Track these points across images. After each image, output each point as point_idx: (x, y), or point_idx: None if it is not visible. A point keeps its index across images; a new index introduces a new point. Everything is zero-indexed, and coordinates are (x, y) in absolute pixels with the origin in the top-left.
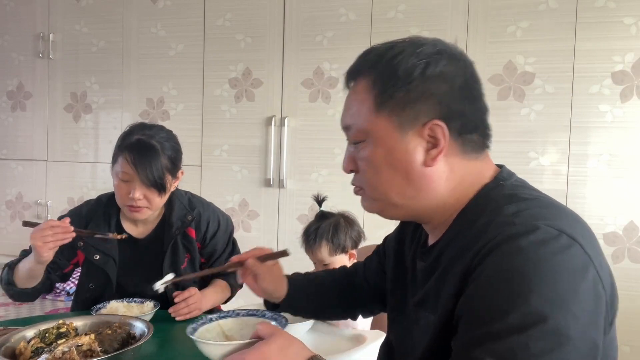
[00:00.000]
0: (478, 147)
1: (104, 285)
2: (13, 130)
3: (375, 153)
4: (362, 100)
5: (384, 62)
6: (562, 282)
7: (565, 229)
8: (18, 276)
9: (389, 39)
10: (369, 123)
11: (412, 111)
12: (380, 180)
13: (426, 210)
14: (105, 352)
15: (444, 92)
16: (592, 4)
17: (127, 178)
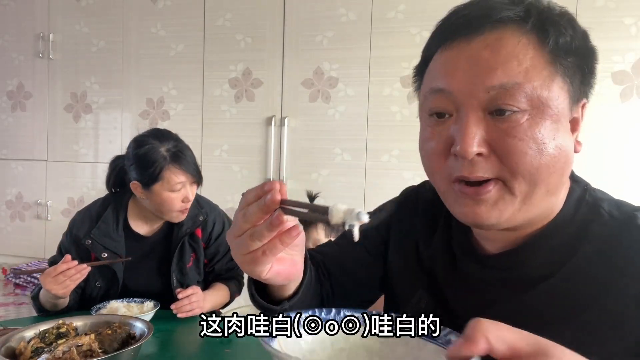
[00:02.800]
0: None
1: (110, 283)
2: (13, 130)
3: (543, 129)
4: (531, 57)
5: (556, 16)
6: None
7: None
8: (47, 307)
9: (389, 39)
10: (545, 88)
11: (584, 86)
12: (540, 167)
13: (544, 211)
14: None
15: (591, 70)
16: (592, 4)
17: (182, 186)
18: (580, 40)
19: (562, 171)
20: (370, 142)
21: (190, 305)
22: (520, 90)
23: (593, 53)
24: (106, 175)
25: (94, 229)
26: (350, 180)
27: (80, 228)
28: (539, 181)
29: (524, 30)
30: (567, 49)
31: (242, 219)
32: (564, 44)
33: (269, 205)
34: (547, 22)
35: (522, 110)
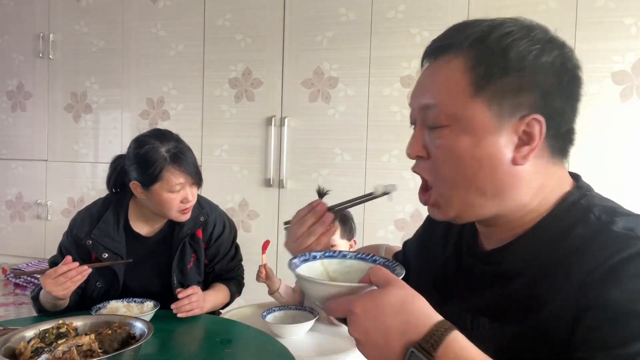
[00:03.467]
0: (564, 152)
1: (111, 284)
2: (13, 130)
3: (460, 142)
4: (455, 80)
5: (490, 41)
6: None
7: None
8: (47, 307)
9: (389, 39)
10: (461, 107)
11: (515, 101)
12: (459, 172)
13: (505, 212)
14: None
15: (550, 86)
16: (592, 4)
17: (180, 187)
18: (517, 61)
19: (490, 177)
20: (370, 142)
21: (190, 305)
22: (441, 109)
23: (542, 69)
24: (107, 175)
25: (95, 229)
26: (350, 180)
27: (80, 228)
28: (460, 185)
29: (458, 57)
30: (493, 72)
31: (299, 225)
32: (490, 68)
33: (320, 210)
34: (478, 49)
35: (443, 125)
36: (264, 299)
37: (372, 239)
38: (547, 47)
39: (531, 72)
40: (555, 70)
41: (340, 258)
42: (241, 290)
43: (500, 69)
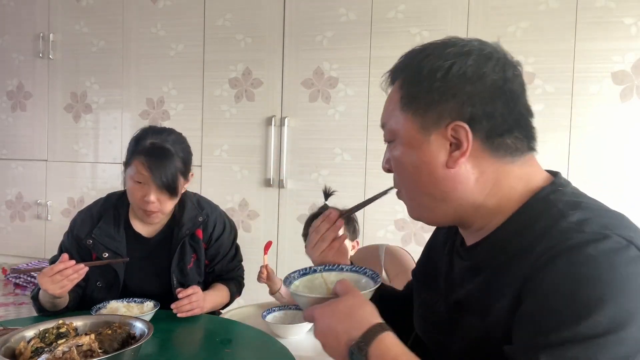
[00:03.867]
0: (514, 150)
1: (111, 284)
2: (13, 130)
3: (403, 153)
4: (393, 100)
5: (414, 64)
6: (634, 293)
7: (634, 241)
8: (46, 307)
9: (389, 39)
10: (396, 123)
11: (435, 112)
12: (409, 181)
13: (463, 212)
14: (105, 352)
15: (469, 93)
16: (592, 4)
17: (143, 180)
18: (430, 76)
19: (431, 182)
20: (370, 142)
21: (190, 305)
22: (387, 127)
23: (455, 80)
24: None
25: (95, 229)
26: (350, 180)
27: (81, 228)
28: (414, 192)
29: (396, 82)
30: (413, 89)
31: (315, 234)
32: (411, 87)
33: (332, 217)
34: (406, 72)
35: (391, 140)
36: (264, 299)
37: (372, 239)
38: (459, 59)
39: (445, 84)
40: (471, 78)
41: (338, 270)
42: (241, 291)
43: (419, 85)
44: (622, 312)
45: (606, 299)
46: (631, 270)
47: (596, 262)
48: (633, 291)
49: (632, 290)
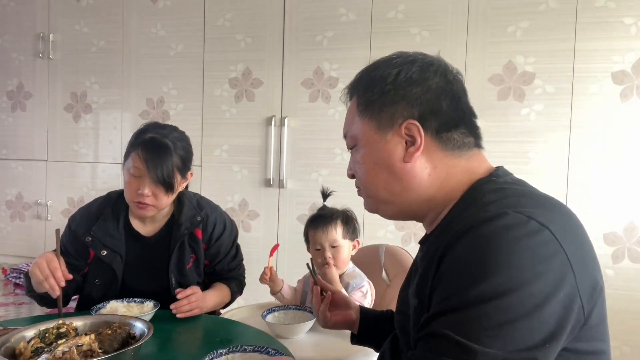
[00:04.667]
0: (462, 145)
1: (109, 282)
2: (13, 130)
3: (363, 154)
4: (352, 111)
5: (366, 75)
6: (523, 264)
7: (536, 216)
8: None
9: (389, 39)
10: (355, 129)
11: (389, 113)
12: (369, 178)
13: (416, 206)
14: (105, 352)
15: (416, 95)
16: (592, 4)
17: (138, 173)
18: (380, 83)
19: (390, 177)
20: None
21: (190, 306)
22: (348, 135)
23: (403, 84)
24: None
25: (94, 227)
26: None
27: (79, 224)
28: (374, 189)
29: (354, 95)
30: (368, 97)
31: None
32: (365, 95)
33: (316, 292)
34: (361, 84)
35: (353, 146)
36: (264, 299)
37: (372, 239)
38: (405, 67)
39: (393, 88)
40: (418, 82)
41: (241, 352)
42: (242, 290)
43: (372, 92)
44: (505, 282)
45: (492, 270)
46: (523, 244)
47: (488, 238)
48: (520, 263)
49: (518, 262)
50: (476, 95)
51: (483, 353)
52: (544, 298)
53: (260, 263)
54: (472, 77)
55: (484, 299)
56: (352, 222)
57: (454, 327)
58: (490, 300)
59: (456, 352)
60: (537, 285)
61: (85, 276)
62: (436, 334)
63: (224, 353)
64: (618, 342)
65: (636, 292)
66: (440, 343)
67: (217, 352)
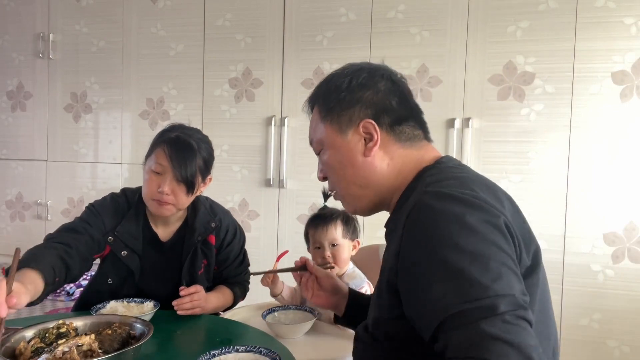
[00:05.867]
0: (412, 137)
1: (122, 282)
2: (13, 130)
3: (330, 156)
4: (315, 119)
5: (323, 86)
6: (450, 224)
7: (464, 191)
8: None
9: (388, 39)
10: (320, 134)
11: (347, 116)
12: (338, 176)
13: (383, 195)
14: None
15: (369, 96)
16: (592, 4)
17: (160, 170)
18: (336, 90)
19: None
20: None
21: (192, 304)
22: (314, 140)
23: (355, 89)
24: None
25: (119, 226)
26: None
27: (110, 219)
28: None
29: (316, 105)
30: (327, 103)
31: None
32: (325, 102)
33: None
34: (321, 94)
35: (320, 150)
36: (264, 299)
37: (372, 239)
38: (355, 74)
39: (348, 93)
40: (368, 85)
41: (233, 352)
42: (245, 295)
43: (330, 99)
44: (441, 244)
45: (432, 238)
46: (452, 208)
47: (426, 212)
48: (451, 222)
49: (450, 222)
50: (476, 95)
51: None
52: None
53: (260, 263)
54: (472, 77)
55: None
56: (352, 222)
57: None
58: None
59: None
60: (467, 237)
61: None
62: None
63: (216, 354)
64: (618, 342)
65: (636, 292)
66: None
67: (210, 354)
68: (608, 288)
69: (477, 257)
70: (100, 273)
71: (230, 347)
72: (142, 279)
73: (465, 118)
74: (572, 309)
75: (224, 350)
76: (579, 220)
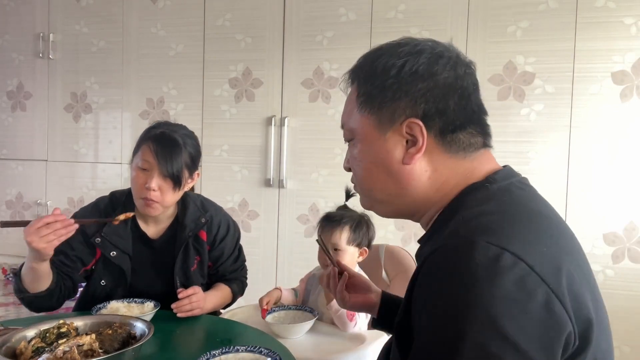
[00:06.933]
0: (468, 146)
1: (116, 283)
2: (13, 130)
3: (360, 151)
4: (351, 101)
5: (368, 63)
6: (497, 305)
7: (509, 247)
8: (26, 281)
9: (388, 39)
10: (354, 122)
11: (390, 110)
12: (365, 176)
13: (413, 207)
14: (106, 352)
15: (421, 91)
16: (592, 4)
17: (147, 166)
18: (383, 74)
19: (386, 177)
20: None
21: (191, 305)
22: (346, 127)
23: (408, 78)
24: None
25: (105, 227)
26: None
27: (90, 225)
28: (368, 186)
29: (354, 84)
30: (368, 88)
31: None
32: (366, 86)
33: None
34: (362, 72)
35: (350, 139)
36: None
37: None
38: (411, 58)
39: (398, 81)
40: (424, 76)
41: (234, 352)
42: (244, 291)
43: (373, 84)
44: (479, 327)
45: (463, 314)
46: (499, 282)
47: (456, 276)
48: (497, 304)
49: (497, 304)
50: None
51: None
52: (528, 341)
53: (259, 263)
54: None
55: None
56: (363, 229)
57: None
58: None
59: None
60: (518, 329)
61: (90, 276)
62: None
63: (217, 354)
64: (618, 342)
65: (636, 292)
66: None
67: (211, 354)
68: (608, 288)
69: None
70: (94, 276)
71: (230, 347)
72: (135, 278)
73: None
74: None
75: (224, 350)
76: (579, 220)
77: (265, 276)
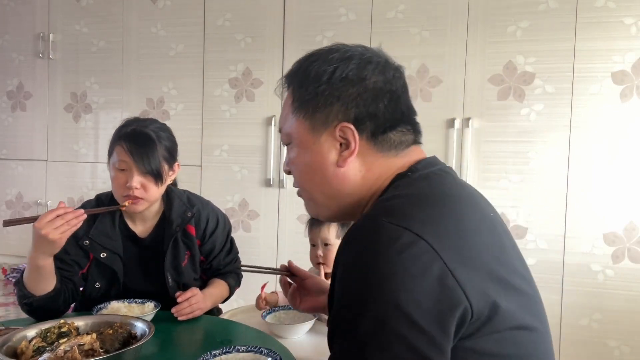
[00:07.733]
0: (399, 144)
1: (109, 284)
2: (13, 130)
3: (297, 154)
4: (287, 105)
5: (302, 69)
6: (395, 281)
7: (410, 226)
8: (30, 285)
9: (388, 39)
10: (289, 127)
11: (323, 114)
12: (303, 179)
13: (351, 209)
14: (106, 352)
15: (352, 95)
16: (592, 4)
17: (124, 167)
18: (315, 80)
19: (323, 180)
20: None
21: (191, 308)
22: (283, 130)
23: (338, 83)
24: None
25: (92, 229)
26: None
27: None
28: (308, 190)
29: (289, 89)
30: (302, 93)
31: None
32: (300, 91)
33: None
34: (297, 78)
35: (287, 143)
36: None
37: None
38: (341, 64)
39: (329, 87)
40: (354, 81)
41: (234, 352)
42: (240, 282)
43: (306, 90)
44: (381, 304)
45: (368, 291)
46: (398, 258)
47: (362, 253)
48: (397, 279)
49: (396, 279)
50: (476, 96)
51: None
52: (423, 312)
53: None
54: (472, 77)
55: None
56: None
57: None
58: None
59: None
60: (414, 301)
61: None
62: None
63: (217, 354)
64: (618, 342)
65: (636, 292)
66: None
67: (211, 354)
68: (608, 288)
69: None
70: (88, 280)
71: (231, 347)
72: (128, 278)
73: (465, 118)
74: (572, 309)
75: (225, 350)
76: (579, 220)
77: (265, 276)
